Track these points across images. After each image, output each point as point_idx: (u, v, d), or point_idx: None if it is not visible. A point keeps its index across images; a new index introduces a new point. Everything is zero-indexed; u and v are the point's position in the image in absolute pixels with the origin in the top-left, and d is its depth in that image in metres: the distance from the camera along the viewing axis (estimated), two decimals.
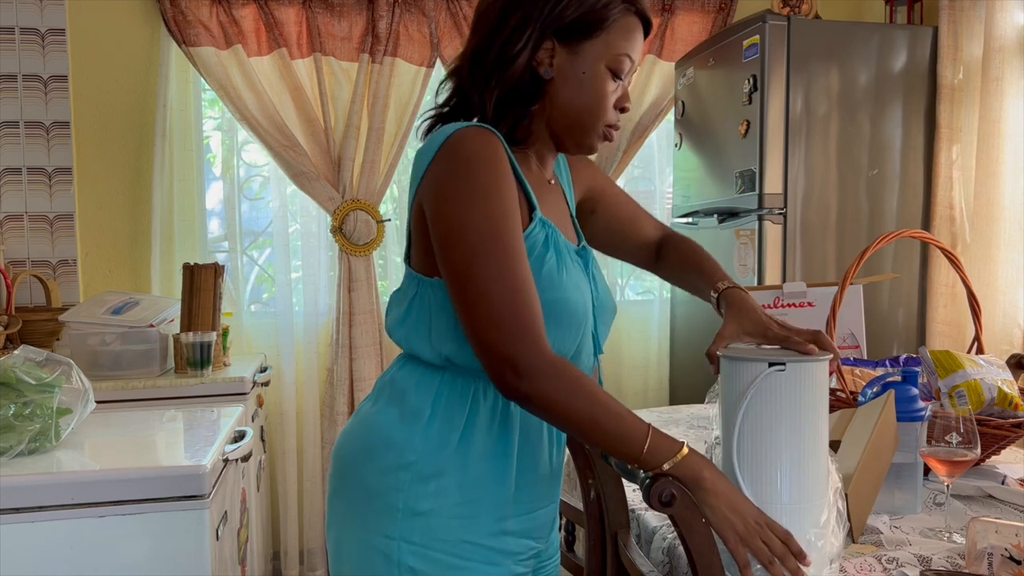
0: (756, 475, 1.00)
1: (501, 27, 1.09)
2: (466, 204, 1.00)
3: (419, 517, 1.06)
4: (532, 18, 1.08)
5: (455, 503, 1.06)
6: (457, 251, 0.99)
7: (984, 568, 1.09)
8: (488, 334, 0.97)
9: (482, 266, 0.98)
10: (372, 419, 1.12)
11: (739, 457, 1.00)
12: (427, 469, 1.06)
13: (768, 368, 0.99)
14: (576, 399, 0.97)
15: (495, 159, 1.03)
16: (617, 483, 1.33)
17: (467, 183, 1.01)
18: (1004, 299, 2.45)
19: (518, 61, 1.08)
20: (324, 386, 3.14)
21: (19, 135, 2.89)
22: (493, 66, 1.09)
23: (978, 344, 1.70)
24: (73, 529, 1.44)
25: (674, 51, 3.24)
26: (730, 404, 1.02)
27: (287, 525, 3.11)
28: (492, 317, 0.97)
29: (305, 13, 3.00)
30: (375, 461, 1.09)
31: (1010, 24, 2.47)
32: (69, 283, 2.94)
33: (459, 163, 1.01)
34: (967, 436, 1.22)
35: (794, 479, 1.00)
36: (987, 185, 2.50)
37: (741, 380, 1.01)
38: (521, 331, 0.97)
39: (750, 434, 1.00)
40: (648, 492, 0.96)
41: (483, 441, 1.08)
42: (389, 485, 1.07)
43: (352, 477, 1.12)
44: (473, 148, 1.02)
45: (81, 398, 1.66)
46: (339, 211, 3.04)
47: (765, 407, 0.99)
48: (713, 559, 0.97)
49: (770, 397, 0.99)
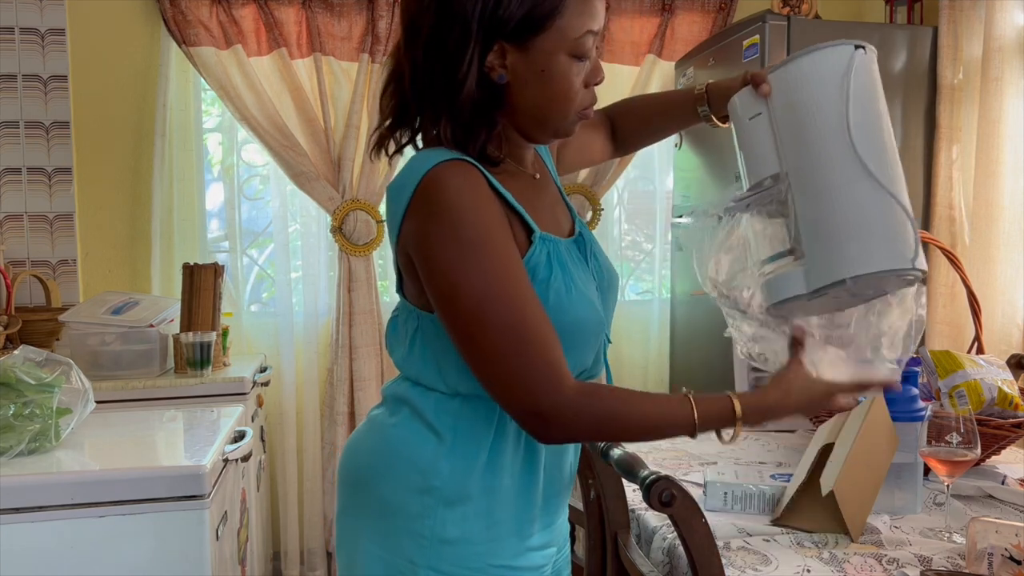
0: (881, 159, 0.98)
1: (440, 50, 0.96)
2: (456, 262, 0.93)
3: (447, 545, 1.01)
4: (471, 32, 0.95)
5: (482, 527, 1.02)
6: (457, 316, 0.94)
7: (984, 568, 1.09)
8: (506, 394, 0.94)
9: (485, 326, 0.93)
10: (392, 433, 1.05)
11: (860, 146, 0.97)
12: (453, 495, 1.01)
13: (855, 49, 0.98)
14: (609, 424, 0.96)
15: (476, 200, 0.95)
16: (617, 483, 1.33)
17: (452, 238, 0.93)
18: (1003, 299, 2.45)
19: (467, 83, 0.96)
20: (324, 386, 3.14)
21: (19, 135, 2.89)
22: (441, 96, 0.98)
23: (978, 344, 1.70)
24: (73, 529, 1.44)
25: (674, 51, 3.23)
26: (810, 105, 0.99)
27: (287, 525, 3.11)
28: (505, 376, 0.93)
29: (305, 13, 3.00)
30: (397, 479, 1.03)
31: (1010, 24, 2.47)
32: (69, 283, 2.94)
33: (439, 215, 0.93)
34: (967, 436, 1.22)
35: (895, 157, 1.00)
36: (987, 185, 2.50)
37: (823, 71, 0.98)
38: (538, 382, 0.93)
39: (863, 123, 0.97)
40: (648, 492, 0.96)
41: (511, 461, 1.04)
42: (414, 510, 1.02)
43: (371, 492, 1.06)
44: (450, 194, 0.94)
45: (81, 398, 1.66)
46: (339, 211, 3.04)
47: (864, 91, 0.98)
48: (713, 559, 0.97)
49: (867, 80, 0.98)
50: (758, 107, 1.05)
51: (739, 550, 1.20)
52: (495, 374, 0.94)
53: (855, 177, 0.97)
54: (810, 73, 0.99)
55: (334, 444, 3.06)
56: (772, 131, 1.03)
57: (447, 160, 0.96)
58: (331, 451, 3.07)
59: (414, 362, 1.06)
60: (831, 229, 0.98)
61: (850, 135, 0.96)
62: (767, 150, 1.02)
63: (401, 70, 1.03)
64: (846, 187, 0.97)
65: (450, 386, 1.03)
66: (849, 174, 0.96)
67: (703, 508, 1.06)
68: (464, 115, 0.98)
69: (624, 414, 0.95)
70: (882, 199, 0.97)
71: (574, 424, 0.94)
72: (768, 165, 1.03)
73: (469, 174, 0.96)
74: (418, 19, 0.98)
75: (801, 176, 1.00)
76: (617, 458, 1.09)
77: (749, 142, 1.06)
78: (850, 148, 0.96)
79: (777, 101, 1.02)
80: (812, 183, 0.99)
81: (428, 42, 0.98)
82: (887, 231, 0.97)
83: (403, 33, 1.02)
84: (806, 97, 0.99)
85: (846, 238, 0.97)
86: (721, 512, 1.35)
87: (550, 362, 0.93)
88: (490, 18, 0.95)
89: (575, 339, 1.02)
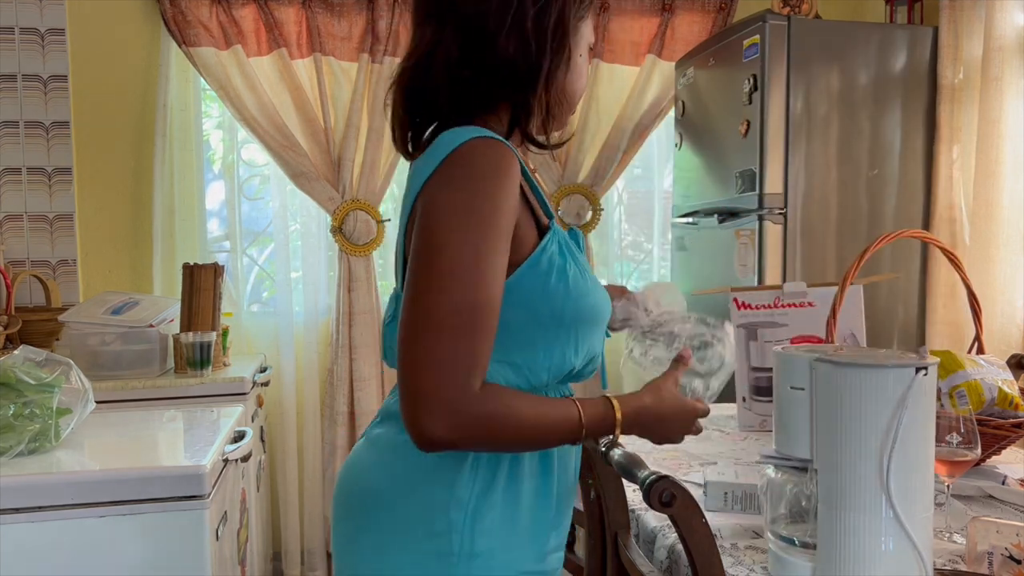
0: (906, 485, 0.95)
1: (538, 33, 1.00)
2: (455, 226, 0.91)
3: (477, 558, 0.99)
4: (565, 16, 1.02)
5: (507, 535, 1.02)
6: (428, 273, 0.91)
7: (984, 568, 1.09)
8: (420, 369, 0.89)
9: (446, 292, 0.89)
10: (408, 450, 0.95)
11: (890, 470, 0.95)
12: (481, 507, 1.00)
13: (915, 374, 0.94)
14: (505, 421, 0.93)
15: (502, 180, 0.94)
16: (617, 483, 1.33)
17: (464, 204, 0.92)
18: (1003, 299, 2.45)
19: (561, 65, 1.04)
20: (324, 386, 3.14)
21: (19, 135, 2.89)
22: (528, 76, 1.01)
23: (978, 344, 1.70)
24: (73, 529, 1.44)
25: (674, 51, 3.24)
26: (852, 413, 0.96)
27: (287, 525, 3.11)
28: (436, 353, 0.88)
29: (305, 13, 3.00)
30: (419, 496, 1.01)
31: (1010, 24, 2.46)
32: (69, 283, 2.94)
33: (463, 179, 0.93)
34: (967, 436, 1.22)
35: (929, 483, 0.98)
36: (987, 185, 2.50)
37: (882, 388, 0.95)
38: (458, 367, 0.89)
39: (900, 447, 0.94)
40: (648, 492, 0.96)
41: (529, 465, 1.04)
42: (440, 527, 0.99)
43: (389, 511, 1.02)
44: (482, 165, 0.94)
45: (81, 398, 1.66)
46: (339, 211, 3.04)
47: (910, 415, 0.94)
48: (713, 559, 0.97)
49: (917, 402, 0.95)
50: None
51: (747, 549, 1.20)
52: (424, 345, 0.89)
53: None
54: (855, 383, 0.96)
55: (334, 444, 3.06)
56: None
57: (487, 136, 0.96)
58: (331, 451, 3.07)
59: None
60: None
61: (887, 457, 0.95)
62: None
63: (449, 60, 1.02)
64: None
65: None
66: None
67: (703, 508, 1.06)
68: (554, 71, 1.02)
69: (518, 410, 0.93)
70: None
71: (468, 417, 0.89)
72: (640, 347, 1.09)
73: (506, 153, 0.96)
74: (503, 11, 1.00)
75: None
76: (617, 458, 1.09)
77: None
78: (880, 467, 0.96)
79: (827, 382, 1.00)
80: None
81: (525, 33, 1.00)
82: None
83: (470, 32, 1.01)
84: (838, 400, 0.98)
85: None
86: (721, 512, 1.34)
87: (478, 354, 0.90)
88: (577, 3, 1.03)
89: (594, 322, 1.05)
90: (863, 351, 1.04)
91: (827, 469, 0.99)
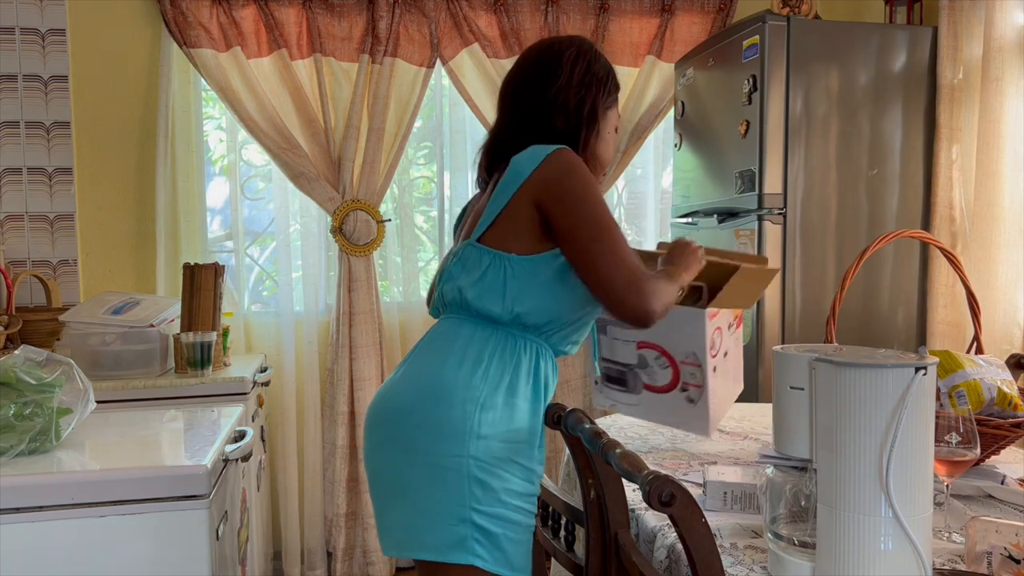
0: (905, 485, 0.95)
1: (578, 116, 1.50)
2: (596, 204, 1.37)
3: (481, 440, 1.35)
4: (596, 97, 1.52)
5: (504, 430, 1.37)
6: (601, 234, 1.35)
7: (984, 568, 1.09)
8: (625, 286, 1.33)
9: (618, 244, 1.35)
10: (437, 369, 1.40)
11: (889, 470, 0.94)
12: (487, 403, 1.37)
13: (914, 374, 0.93)
14: (667, 301, 1.39)
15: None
16: (617, 483, 1.33)
17: (591, 189, 1.37)
18: (1004, 299, 2.45)
19: (595, 123, 1.53)
20: (324, 386, 3.14)
21: (19, 135, 2.89)
22: (571, 144, 1.47)
23: (978, 344, 1.70)
24: (73, 529, 1.44)
25: (674, 51, 3.24)
26: (852, 413, 0.96)
27: (287, 525, 3.11)
28: (633, 268, 1.35)
29: (305, 14, 3.00)
30: (444, 400, 1.37)
31: (1010, 24, 2.47)
32: (69, 283, 2.94)
33: (578, 174, 1.38)
34: (967, 436, 1.22)
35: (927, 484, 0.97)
36: (987, 185, 2.50)
37: (881, 388, 0.94)
38: (645, 279, 1.35)
39: (900, 447, 0.94)
40: (648, 492, 0.96)
41: (523, 385, 1.41)
42: (457, 416, 1.35)
43: (419, 415, 1.38)
44: (581, 164, 1.40)
45: (81, 398, 1.66)
46: (339, 211, 3.04)
47: (909, 416, 0.94)
48: (713, 558, 0.97)
49: (917, 402, 0.94)
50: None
51: (747, 549, 1.20)
52: (627, 266, 1.34)
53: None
54: (848, 382, 0.97)
55: (334, 444, 3.06)
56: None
57: (566, 147, 1.42)
58: (331, 450, 3.07)
59: (482, 288, 1.41)
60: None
61: (887, 456, 0.95)
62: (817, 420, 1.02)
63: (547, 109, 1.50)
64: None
65: (507, 308, 1.40)
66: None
67: (703, 508, 1.06)
68: (588, 138, 1.52)
69: (659, 284, 1.38)
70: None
71: (657, 296, 1.36)
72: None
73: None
74: (583, 86, 1.51)
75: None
76: (617, 458, 1.09)
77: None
78: (881, 466, 0.96)
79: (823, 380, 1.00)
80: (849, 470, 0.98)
81: (570, 103, 1.50)
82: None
83: (535, 113, 1.50)
84: (829, 398, 0.99)
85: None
86: (721, 512, 1.35)
87: (644, 271, 1.39)
88: (608, 89, 1.55)
89: (592, 313, 1.49)
90: (863, 351, 1.05)
91: (826, 469, 0.99)
